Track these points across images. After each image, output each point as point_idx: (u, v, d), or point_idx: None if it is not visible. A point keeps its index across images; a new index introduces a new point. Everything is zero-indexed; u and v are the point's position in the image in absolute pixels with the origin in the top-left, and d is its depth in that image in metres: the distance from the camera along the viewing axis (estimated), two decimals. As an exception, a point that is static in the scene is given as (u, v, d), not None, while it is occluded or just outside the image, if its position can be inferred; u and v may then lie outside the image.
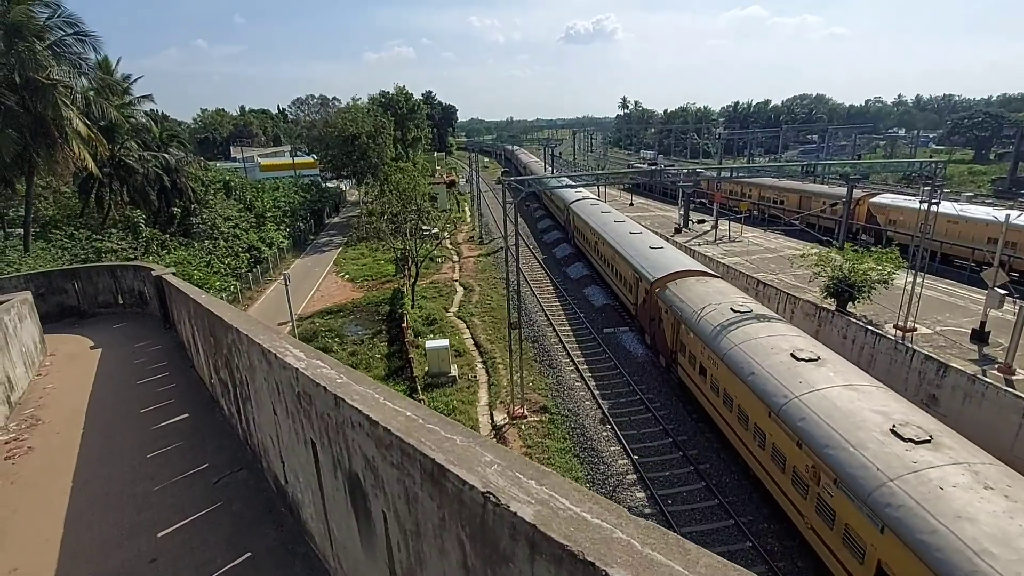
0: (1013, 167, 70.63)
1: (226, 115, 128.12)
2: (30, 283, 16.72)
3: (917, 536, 8.98)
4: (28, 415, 10.63)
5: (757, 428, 14.21)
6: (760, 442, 14.12)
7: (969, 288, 23.96)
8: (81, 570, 6.13)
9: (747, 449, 15.14)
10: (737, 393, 15.32)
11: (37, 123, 25.37)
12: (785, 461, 12.89)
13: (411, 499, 3.00)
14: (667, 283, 21.77)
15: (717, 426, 17.23)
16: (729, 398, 15.87)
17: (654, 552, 1.81)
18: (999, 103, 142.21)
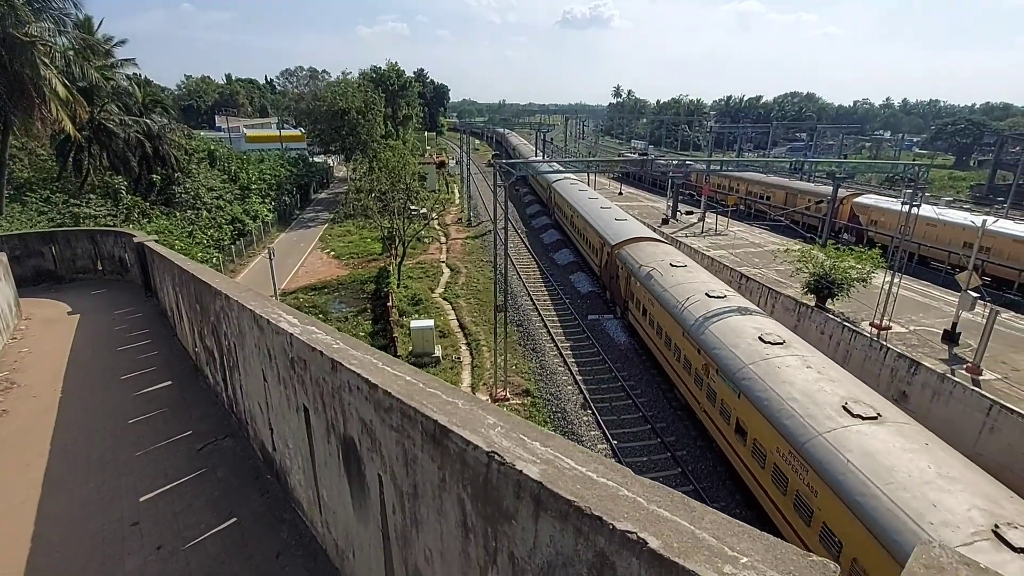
0: (992, 174, 72.28)
1: (211, 83, 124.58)
2: (4, 245, 16.20)
3: (755, 394, 13.67)
4: (3, 378, 10.38)
5: (676, 347, 19.05)
6: (677, 356, 19.02)
7: (943, 290, 24.61)
8: (58, 534, 6.05)
9: (669, 364, 20.04)
10: (666, 324, 19.87)
11: (13, 81, 24.37)
12: (691, 366, 17.67)
13: (410, 461, 3.03)
14: (624, 246, 26.00)
15: (655, 358, 21.84)
16: (660, 328, 20.53)
17: (660, 508, 1.86)
18: (982, 111, 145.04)
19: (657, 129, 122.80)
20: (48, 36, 26.03)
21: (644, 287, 21.97)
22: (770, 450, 13.01)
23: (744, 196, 50.54)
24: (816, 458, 11.26)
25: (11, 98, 24.67)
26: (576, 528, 1.93)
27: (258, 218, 44.49)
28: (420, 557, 3.17)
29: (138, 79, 40.81)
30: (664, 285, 20.77)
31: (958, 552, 1.51)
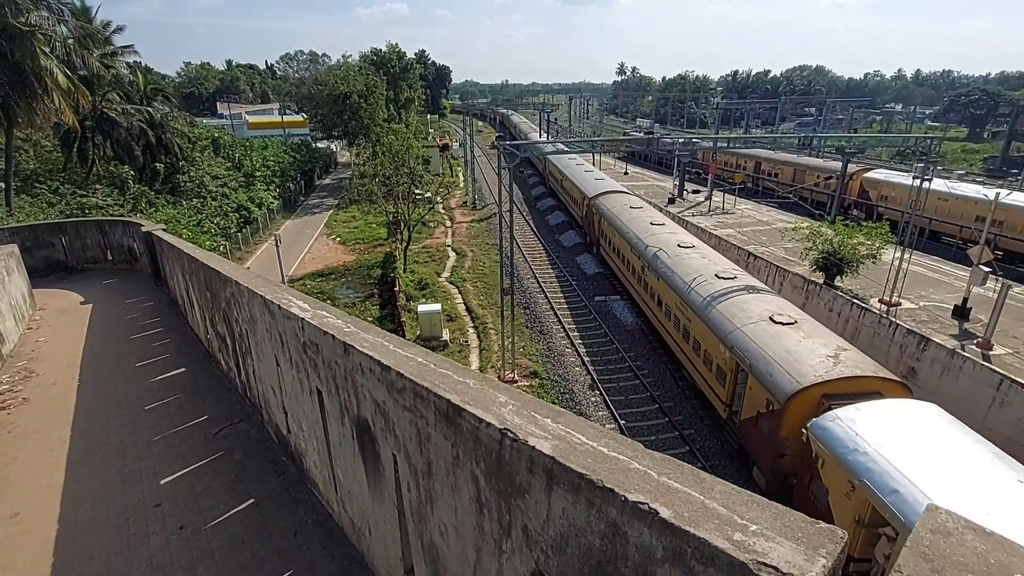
0: (1006, 146, 70.89)
1: (212, 69, 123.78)
2: (15, 236, 16.37)
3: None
4: (21, 367, 10.60)
5: (628, 261, 24.44)
6: (646, 289, 22.76)
7: (954, 265, 24.36)
8: (84, 514, 6.24)
9: (633, 288, 24.77)
10: (628, 256, 25.09)
11: (15, 72, 24.34)
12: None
13: (423, 439, 3.10)
14: (598, 198, 32.33)
15: (621, 282, 27.22)
16: (625, 259, 25.80)
17: (670, 480, 1.91)
18: (997, 81, 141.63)
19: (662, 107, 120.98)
20: (47, 25, 25.92)
21: (612, 227, 27.85)
22: (666, 299, 20.10)
23: (752, 173, 49.93)
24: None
25: (13, 89, 24.68)
26: (588, 500, 1.99)
27: (263, 205, 44.57)
28: (435, 532, 3.26)
29: (139, 67, 40.57)
30: (623, 220, 26.79)
31: (964, 517, 1.55)
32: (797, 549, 1.54)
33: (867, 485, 9.74)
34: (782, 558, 1.51)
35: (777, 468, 13.21)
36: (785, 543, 1.56)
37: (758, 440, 14.01)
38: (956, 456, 9.90)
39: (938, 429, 10.64)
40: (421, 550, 3.55)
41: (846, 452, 10.46)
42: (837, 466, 10.57)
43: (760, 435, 13.83)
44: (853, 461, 10.22)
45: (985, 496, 8.88)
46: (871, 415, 11.00)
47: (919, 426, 10.68)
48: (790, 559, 1.51)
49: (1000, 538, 1.49)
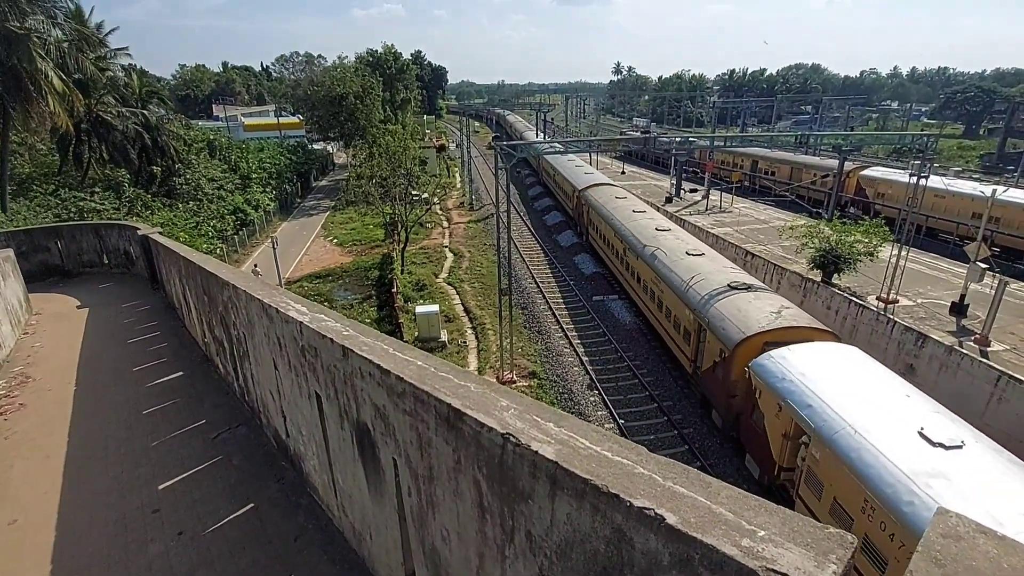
0: (1002, 143, 71.13)
1: (207, 72, 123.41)
2: (11, 241, 16.29)
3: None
4: (17, 373, 10.53)
5: (621, 256, 26.13)
6: (627, 268, 25.34)
7: (952, 261, 24.43)
8: (82, 520, 6.19)
9: (617, 269, 27.34)
10: (612, 241, 27.54)
11: (10, 75, 24.24)
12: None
13: (424, 444, 3.07)
14: (587, 190, 34.46)
15: (612, 271, 28.92)
16: (610, 243, 28.31)
17: (676, 485, 1.88)
18: (992, 78, 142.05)
19: (659, 106, 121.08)
20: (42, 28, 25.81)
21: (599, 215, 30.34)
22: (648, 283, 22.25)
23: (748, 172, 50.02)
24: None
25: (8, 92, 24.57)
26: (593, 506, 1.96)
27: (260, 207, 44.47)
28: (437, 537, 3.23)
29: (133, 69, 40.44)
30: (609, 210, 29.25)
31: (975, 521, 1.53)
32: (807, 555, 1.51)
33: (790, 405, 12.02)
34: (791, 564, 1.49)
35: (730, 407, 15.47)
36: (794, 549, 1.54)
37: (715, 385, 16.43)
38: (862, 382, 12.06)
39: (853, 364, 12.86)
40: (423, 555, 3.52)
41: (776, 382, 12.80)
42: (769, 393, 12.90)
43: (716, 380, 16.20)
44: (780, 388, 12.56)
45: (876, 408, 11.03)
46: (799, 354, 13.26)
47: (837, 362, 12.91)
48: (800, 565, 1.48)
49: (1013, 542, 1.47)
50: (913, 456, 9.61)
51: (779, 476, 12.96)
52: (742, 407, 14.76)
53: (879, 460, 9.76)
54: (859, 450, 10.14)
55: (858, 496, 9.87)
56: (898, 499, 9.06)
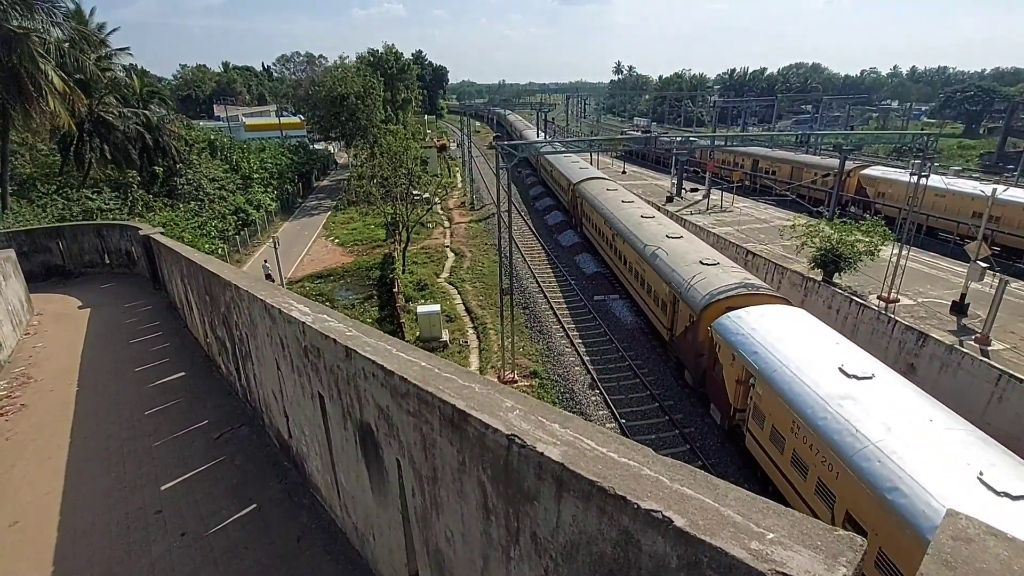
0: (1002, 142, 71.09)
1: (208, 72, 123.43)
2: (12, 241, 16.30)
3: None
4: (19, 373, 10.53)
5: (610, 241, 28.39)
6: (615, 252, 27.46)
7: (952, 261, 24.41)
8: (84, 521, 6.19)
9: (606, 252, 29.75)
10: (603, 228, 29.69)
11: (10, 76, 24.22)
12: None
13: (428, 445, 3.06)
14: (581, 184, 36.16)
15: (602, 257, 30.97)
16: (600, 230, 30.55)
17: (683, 487, 1.88)
18: (992, 77, 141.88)
19: (660, 105, 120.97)
20: (42, 28, 25.79)
21: (593, 208, 32.05)
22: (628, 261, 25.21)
23: (749, 171, 49.98)
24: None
25: (8, 93, 24.56)
26: (600, 508, 1.95)
27: (261, 208, 44.47)
28: (441, 538, 3.23)
29: (134, 69, 40.44)
30: (600, 200, 31.23)
31: (985, 523, 1.52)
32: (816, 558, 1.51)
33: (741, 354, 14.24)
34: (801, 567, 1.48)
35: (698, 365, 17.54)
36: (804, 551, 1.53)
37: (686, 347, 18.55)
38: (801, 334, 14.14)
39: (796, 322, 14.97)
40: (426, 556, 3.52)
41: (731, 336, 14.98)
42: (726, 347, 15.08)
43: (687, 343, 18.40)
44: (735, 341, 14.74)
45: (808, 352, 13.17)
46: (752, 315, 15.38)
47: (783, 320, 15.04)
48: (809, 568, 1.48)
49: (1023, 544, 1.46)
50: (831, 386, 11.76)
51: (735, 417, 15.18)
52: (707, 364, 16.87)
53: (804, 390, 11.99)
54: (790, 383, 12.39)
55: (788, 420, 12.13)
56: (815, 417, 11.31)
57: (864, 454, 9.91)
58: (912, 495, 8.77)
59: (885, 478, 9.24)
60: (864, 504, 9.65)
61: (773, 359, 13.24)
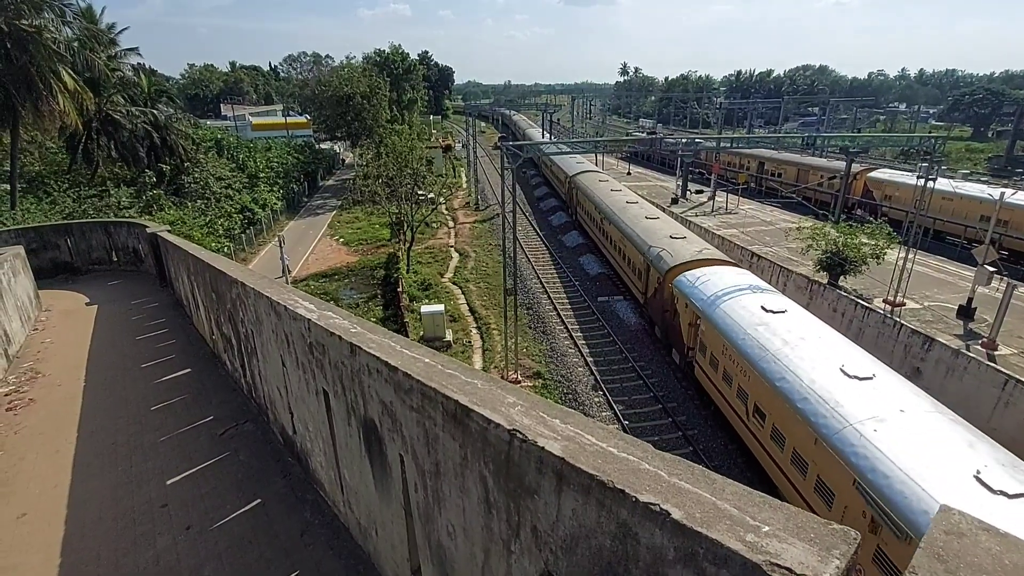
0: (1011, 145, 70.58)
1: (215, 71, 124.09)
2: (21, 238, 16.47)
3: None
4: (27, 368, 10.65)
5: (599, 224, 31.70)
6: (603, 233, 31.05)
7: (959, 264, 24.27)
8: (91, 515, 6.27)
9: (595, 235, 33.47)
10: (593, 213, 33.39)
11: (20, 74, 24.47)
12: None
13: (431, 440, 3.10)
14: (576, 176, 39.84)
15: (595, 242, 33.94)
16: (591, 216, 34.08)
17: (681, 481, 1.91)
18: (1001, 79, 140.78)
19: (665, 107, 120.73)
20: (52, 27, 26.04)
21: (587, 197, 35.10)
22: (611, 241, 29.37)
23: (755, 173, 49.83)
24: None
25: (19, 91, 24.80)
26: (599, 501, 1.99)
27: (267, 206, 44.69)
28: (443, 532, 3.26)
29: (142, 68, 40.76)
30: (599, 196, 33.27)
31: (978, 518, 1.54)
32: (810, 550, 1.53)
33: (692, 302, 18.07)
34: (795, 559, 1.51)
35: (664, 319, 21.38)
36: (798, 544, 1.56)
37: (656, 305, 22.15)
38: (737, 286, 17.61)
39: (738, 279, 18.24)
40: (428, 550, 3.55)
41: (686, 290, 18.77)
42: (683, 299, 18.85)
43: (656, 301, 21.95)
44: (688, 293, 18.54)
45: (739, 297, 16.74)
46: (705, 274, 18.98)
47: (728, 278, 18.34)
48: (803, 560, 1.51)
49: (1015, 539, 1.48)
50: (754, 317, 15.45)
51: (688, 354, 18.88)
52: (669, 317, 20.59)
53: (731, 320, 15.84)
54: (723, 318, 16.25)
55: (720, 344, 16.06)
56: (736, 338, 15.21)
57: (767, 358, 13.81)
58: (793, 382, 12.72)
59: (778, 373, 13.19)
60: (764, 394, 13.64)
61: (712, 303, 17.11)
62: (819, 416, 11.39)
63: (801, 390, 12.21)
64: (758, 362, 13.76)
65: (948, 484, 8.93)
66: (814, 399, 11.77)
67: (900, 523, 8.85)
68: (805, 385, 12.22)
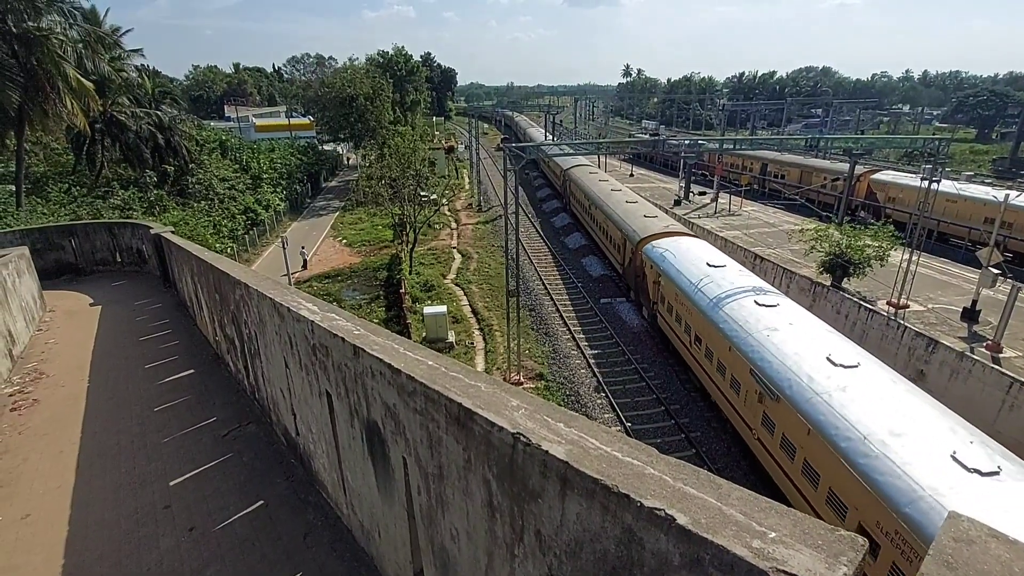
0: (1015, 147, 70.29)
1: (219, 72, 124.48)
2: (26, 238, 16.53)
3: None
4: (31, 369, 10.68)
5: (588, 211, 36.02)
6: (591, 218, 35.06)
7: (963, 267, 24.18)
8: (94, 515, 6.27)
9: (584, 220, 37.75)
10: (584, 202, 37.32)
11: (28, 76, 24.59)
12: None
13: (434, 443, 3.09)
14: (569, 170, 44.06)
15: (591, 235, 36.45)
16: (583, 204, 38.01)
17: (686, 486, 1.89)
18: (1006, 81, 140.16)
19: (668, 108, 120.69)
20: (59, 29, 26.17)
21: (578, 186, 39.48)
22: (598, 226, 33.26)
23: (758, 175, 49.75)
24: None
25: (26, 92, 24.91)
26: (603, 506, 1.97)
27: (270, 207, 44.81)
28: (446, 536, 3.25)
29: (147, 70, 40.97)
30: (588, 186, 37.25)
31: (987, 525, 1.53)
32: (817, 557, 1.52)
33: (655, 264, 22.22)
34: (802, 566, 1.50)
35: (637, 283, 25.50)
36: (805, 551, 1.55)
37: (631, 272, 26.23)
38: (693, 251, 21.73)
39: (694, 246, 22.51)
40: (431, 554, 3.55)
41: (652, 254, 22.99)
42: (649, 263, 22.94)
43: (631, 270, 26.13)
44: (654, 256, 22.74)
45: (693, 260, 20.68)
46: (668, 243, 23.14)
47: (686, 245, 22.52)
48: (811, 567, 1.49)
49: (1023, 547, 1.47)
50: (701, 273, 19.38)
51: (653, 307, 23.13)
52: (639, 280, 24.86)
53: (685, 278, 19.79)
54: (679, 276, 20.23)
55: (674, 293, 20.22)
56: (690, 290, 18.96)
57: (710, 304, 17.49)
58: (715, 297, 17.53)
59: (706, 303, 17.61)
60: (698, 322, 18.02)
61: (671, 264, 21.23)
62: (731, 328, 15.87)
63: (727, 322, 16.30)
64: (696, 300, 18.30)
65: (807, 360, 13.22)
66: (729, 318, 16.23)
67: (773, 390, 13.27)
68: (730, 318, 16.29)
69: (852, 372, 12.43)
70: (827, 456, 11.13)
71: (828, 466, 11.14)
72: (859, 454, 10.45)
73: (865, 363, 12.84)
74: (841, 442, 10.85)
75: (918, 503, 9.06)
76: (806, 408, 12.05)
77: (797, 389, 12.58)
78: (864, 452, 10.37)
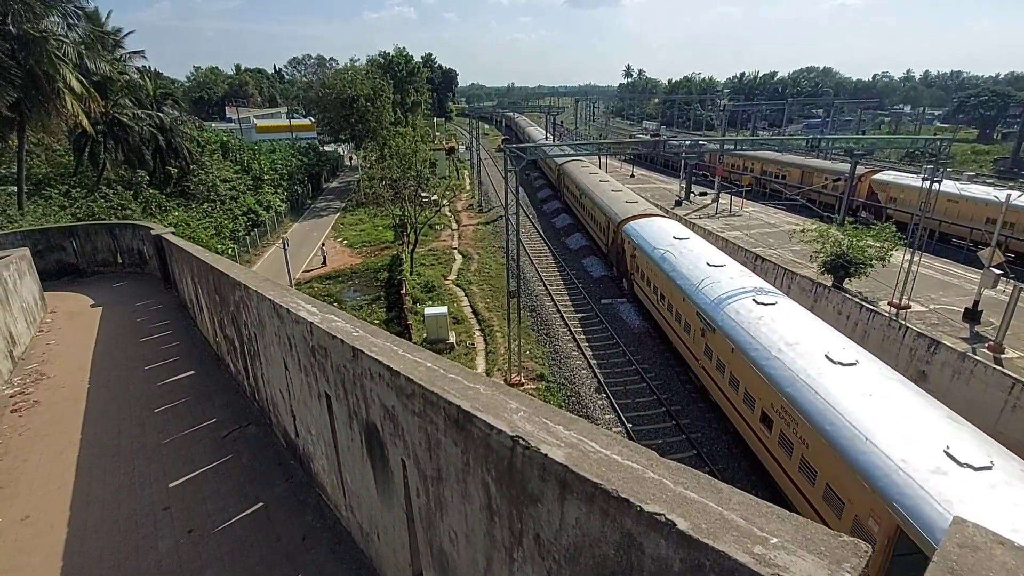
0: (1016, 147, 70.16)
1: (220, 74, 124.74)
2: (27, 240, 16.54)
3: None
4: (32, 370, 10.67)
5: (579, 200, 39.53)
6: (581, 206, 39.09)
7: (965, 267, 24.12)
8: (94, 517, 6.26)
9: (575, 209, 41.74)
10: (575, 193, 40.83)
11: (28, 77, 24.62)
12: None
13: (433, 446, 3.07)
14: (564, 164, 46.92)
15: (581, 221, 40.11)
16: (574, 195, 41.40)
17: (687, 490, 1.87)
18: (1007, 81, 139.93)
19: (669, 109, 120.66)
20: (60, 31, 26.20)
21: (572, 180, 42.29)
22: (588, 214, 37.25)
23: (759, 175, 49.69)
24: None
25: (27, 94, 24.95)
26: (603, 510, 1.95)
27: (271, 208, 44.84)
28: (445, 538, 3.24)
29: (148, 72, 41.05)
30: (579, 177, 40.49)
31: (992, 531, 1.50)
32: (820, 563, 1.50)
33: (632, 239, 25.85)
34: (804, 572, 1.47)
35: (618, 259, 28.69)
36: (807, 556, 1.53)
37: (613, 249, 29.55)
38: (664, 229, 25.23)
39: (667, 225, 26.07)
40: (430, 556, 3.53)
41: (630, 232, 26.57)
42: (628, 239, 26.43)
43: (614, 247, 29.53)
44: (630, 232, 26.39)
45: (663, 235, 24.23)
46: (645, 223, 26.64)
47: (660, 225, 26.06)
48: (813, 573, 1.47)
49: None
50: (666, 247, 22.73)
51: (630, 277, 26.60)
52: (619, 256, 28.32)
53: (657, 250, 22.90)
54: (651, 249, 23.42)
55: (647, 264, 23.50)
56: (659, 259, 22.28)
57: (669, 266, 21.19)
58: (678, 274, 20.49)
59: (673, 269, 20.94)
60: (665, 286, 21.40)
61: (645, 239, 24.64)
62: (687, 283, 19.48)
63: (681, 277, 20.06)
64: (664, 268, 21.45)
65: (737, 299, 17.02)
66: (688, 282, 19.45)
67: (712, 325, 16.83)
68: (684, 274, 20.08)
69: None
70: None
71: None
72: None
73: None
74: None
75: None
76: (734, 335, 15.64)
77: (728, 321, 16.18)
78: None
